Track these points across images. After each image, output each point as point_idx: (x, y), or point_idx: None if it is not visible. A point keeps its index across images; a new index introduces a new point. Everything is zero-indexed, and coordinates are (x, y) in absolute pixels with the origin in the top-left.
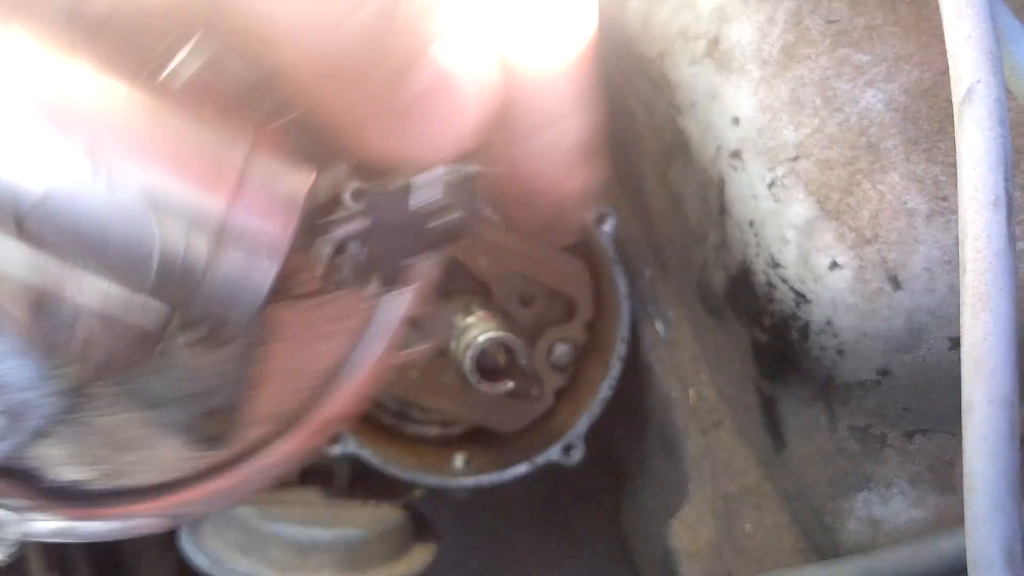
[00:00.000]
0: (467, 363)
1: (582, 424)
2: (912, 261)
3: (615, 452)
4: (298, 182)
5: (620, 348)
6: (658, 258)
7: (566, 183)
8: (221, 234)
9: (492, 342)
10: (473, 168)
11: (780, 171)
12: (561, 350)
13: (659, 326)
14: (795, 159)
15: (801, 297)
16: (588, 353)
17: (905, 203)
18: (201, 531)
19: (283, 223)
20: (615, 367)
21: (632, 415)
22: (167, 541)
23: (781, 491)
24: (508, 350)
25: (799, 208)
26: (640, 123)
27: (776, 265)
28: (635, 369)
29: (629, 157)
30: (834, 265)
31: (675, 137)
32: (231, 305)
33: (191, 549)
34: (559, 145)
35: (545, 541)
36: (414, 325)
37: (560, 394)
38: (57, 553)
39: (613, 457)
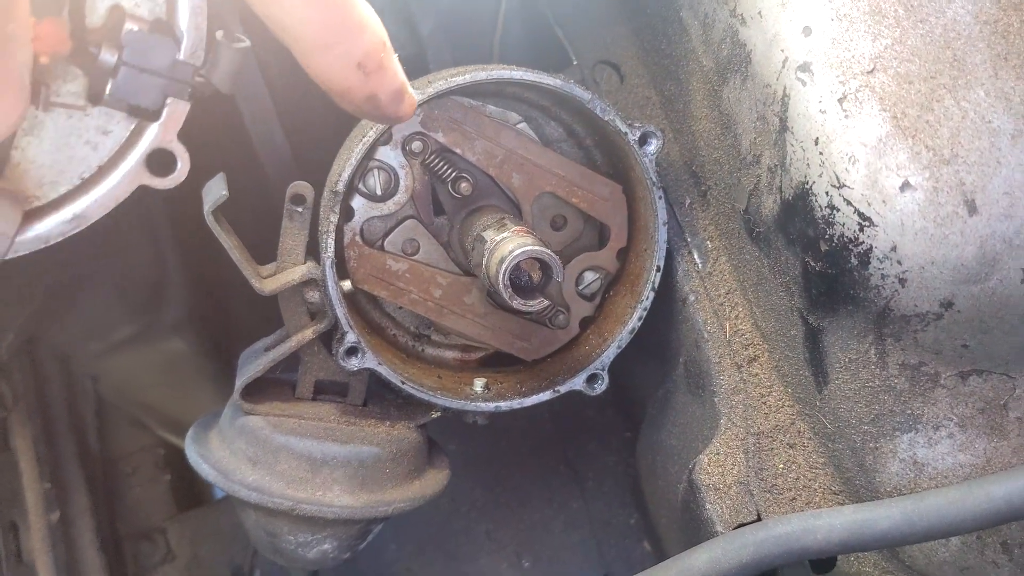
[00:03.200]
0: (501, 277)
1: (609, 354)
2: (991, 184)
3: (634, 388)
4: None
5: (655, 277)
6: (699, 186)
7: (363, 90)
8: None
9: (528, 256)
10: (244, 43)
11: (853, 85)
12: (590, 278)
13: (696, 256)
14: (871, 72)
15: (866, 220)
16: (615, 283)
17: (989, 122)
18: (207, 441)
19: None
20: (648, 297)
21: (657, 349)
22: (160, 462)
23: (818, 430)
24: (543, 267)
25: (872, 124)
26: (693, 38)
27: (841, 185)
28: (666, 301)
29: (676, 75)
30: (906, 186)
31: (735, 50)
32: None
33: (196, 460)
34: (341, 63)
35: (551, 478)
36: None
37: (584, 323)
38: (51, 469)
39: (631, 393)
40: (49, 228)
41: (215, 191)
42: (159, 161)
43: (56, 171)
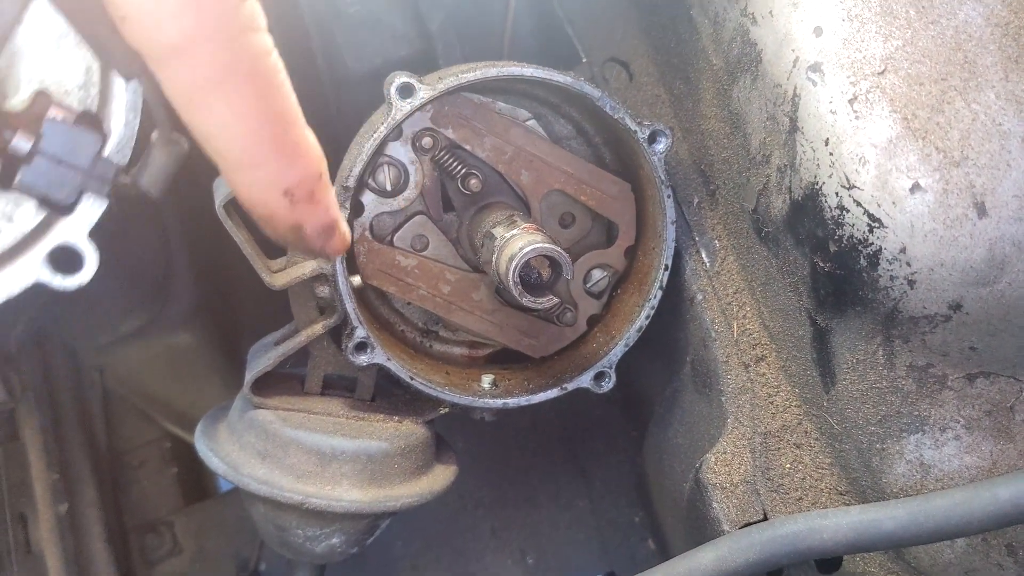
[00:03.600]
0: (511, 275)
1: (616, 352)
2: (1002, 187)
3: (641, 386)
4: None
5: (663, 276)
6: (707, 185)
7: (287, 219)
8: None
9: (539, 254)
10: (180, 146)
11: (864, 85)
12: (598, 276)
13: (704, 256)
14: (882, 73)
15: (876, 221)
16: (623, 281)
17: (1000, 124)
18: (217, 435)
19: None
20: (655, 295)
21: (665, 348)
22: (167, 455)
23: (825, 430)
24: (553, 264)
25: (882, 126)
26: (704, 37)
27: (851, 186)
28: (673, 299)
29: (685, 74)
30: (916, 187)
31: (745, 50)
32: None
33: (206, 453)
34: (266, 187)
35: (556, 476)
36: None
37: (591, 321)
38: (59, 460)
39: (637, 392)
40: None
41: (226, 186)
42: (64, 259)
43: None
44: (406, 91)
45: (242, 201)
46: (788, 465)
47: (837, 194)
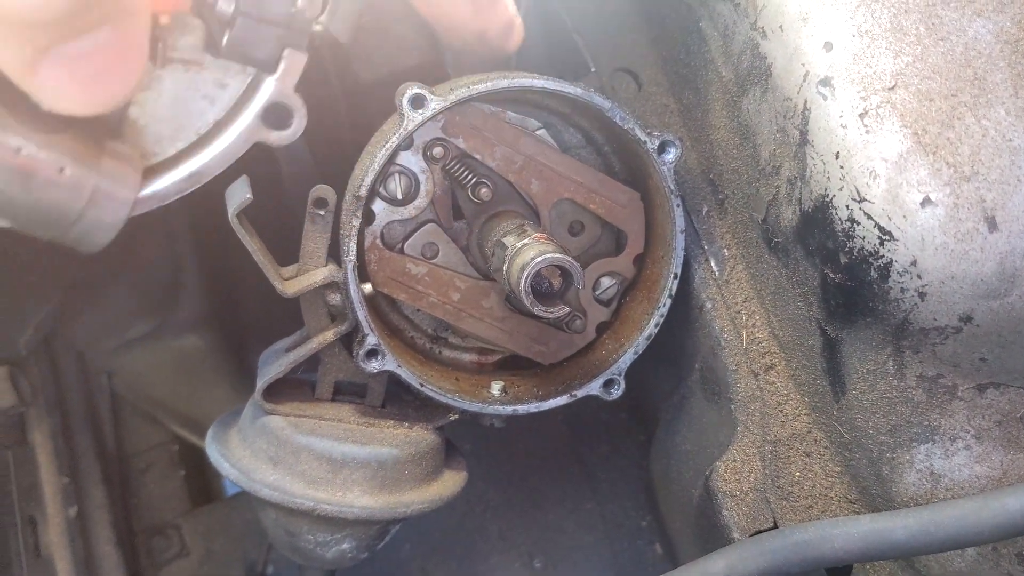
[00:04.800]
0: (523, 284)
1: (626, 360)
2: (1012, 202)
3: (648, 393)
4: None
5: (672, 284)
6: (716, 195)
7: (473, 24)
8: None
9: (550, 264)
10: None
11: (874, 100)
12: (607, 283)
13: (713, 264)
14: (892, 88)
15: (886, 234)
16: (632, 289)
17: (1010, 140)
18: (228, 440)
19: None
20: (664, 303)
21: (673, 355)
22: (175, 458)
23: (835, 439)
24: (564, 274)
25: (893, 140)
26: (713, 49)
27: (861, 199)
28: (682, 308)
29: (694, 85)
30: (926, 201)
31: (755, 63)
32: None
33: (218, 459)
34: None
35: (564, 480)
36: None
37: (600, 329)
38: (68, 464)
39: (644, 398)
40: (167, 186)
41: (239, 194)
42: (276, 115)
43: (173, 127)
44: (418, 102)
45: (434, 17)
46: (798, 473)
47: (848, 207)
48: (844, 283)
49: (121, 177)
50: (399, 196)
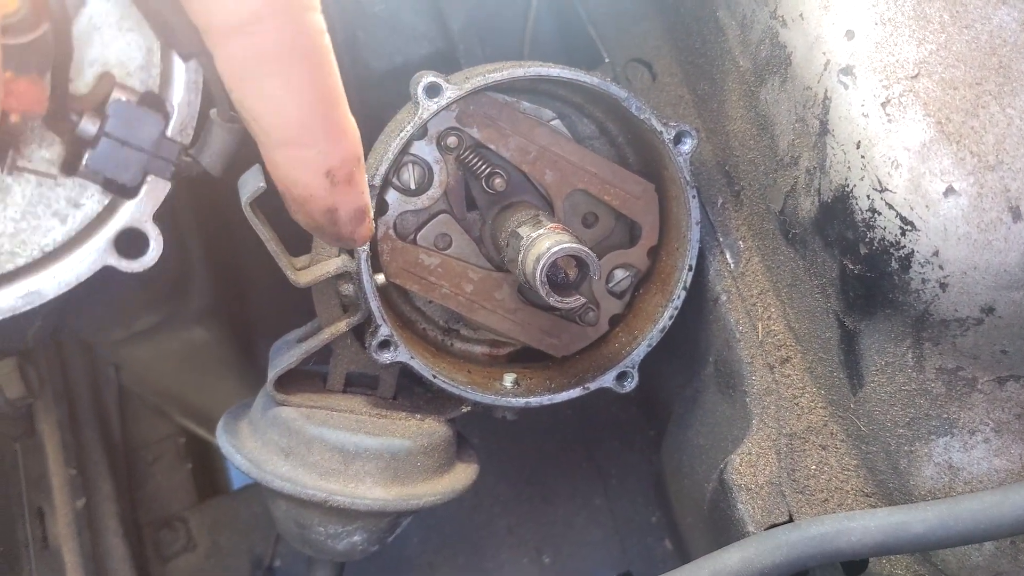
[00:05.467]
0: (538, 274)
1: (639, 352)
2: None
3: (659, 386)
4: None
5: (686, 276)
6: (732, 186)
7: (324, 201)
8: None
9: (566, 254)
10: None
11: (897, 89)
12: (620, 275)
13: (728, 256)
14: (915, 77)
15: (908, 224)
16: (645, 281)
17: None
18: (239, 432)
19: None
20: (679, 296)
21: (686, 348)
22: (182, 451)
23: (851, 432)
24: (580, 264)
25: (916, 129)
26: (730, 38)
27: (883, 189)
28: (696, 300)
29: (710, 75)
30: (950, 191)
31: (774, 52)
32: None
33: (229, 450)
34: (309, 167)
35: (573, 475)
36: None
37: (613, 321)
38: (76, 456)
39: (656, 391)
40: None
41: (252, 183)
42: (129, 241)
43: (17, 240)
44: (433, 90)
45: (280, 181)
46: (814, 467)
47: (869, 197)
48: (863, 274)
49: None
50: (412, 186)
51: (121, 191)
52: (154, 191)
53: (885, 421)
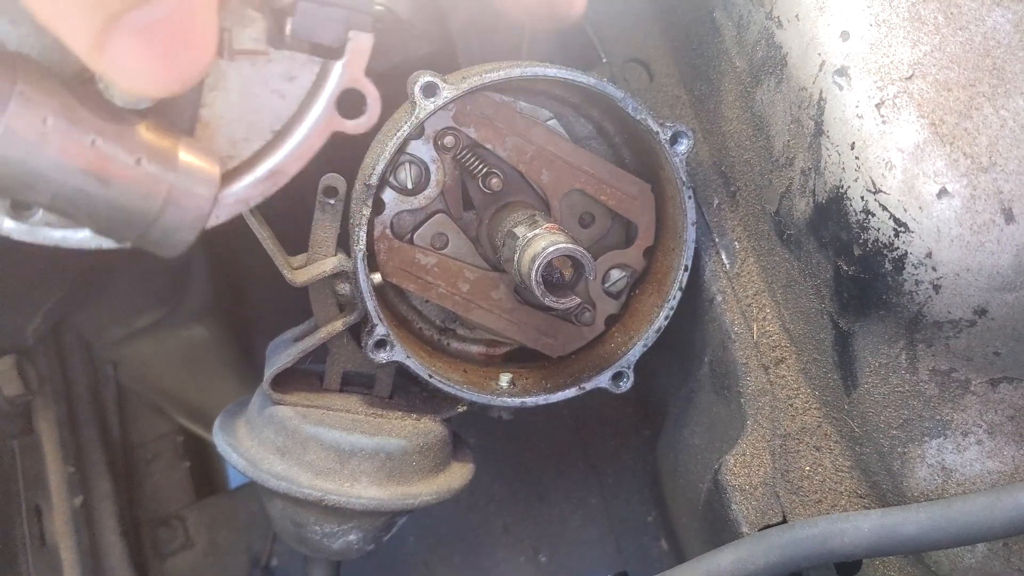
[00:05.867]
0: (534, 274)
1: (635, 353)
2: None
3: (655, 386)
4: None
5: (682, 277)
6: (728, 187)
7: None
8: None
9: (562, 254)
10: None
11: (891, 90)
12: (616, 276)
13: (724, 257)
14: (909, 78)
15: (901, 226)
16: (641, 281)
17: None
18: (235, 430)
19: None
20: (675, 296)
21: (682, 348)
22: (180, 449)
23: (845, 433)
24: (576, 265)
25: (909, 131)
26: (727, 39)
27: (877, 191)
28: (692, 300)
29: (707, 75)
30: (943, 193)
31: (770, 53)
32: None
33: (226, 449)
34: None
35: (569, 474)
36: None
37: (609, 321)
38: (74, 453)
39: (652, 392)
40: (248, 188)
41: None
42: (349, 102)
43: (246, 127)
44: (430, 90)
45: None
46: (808, 468)
47: (863, 198)
48: (857, 275)
49: (198, 174)
50: (409, 185)
51: (328, 53)
52: (359, 47)
53: (879, 422)
